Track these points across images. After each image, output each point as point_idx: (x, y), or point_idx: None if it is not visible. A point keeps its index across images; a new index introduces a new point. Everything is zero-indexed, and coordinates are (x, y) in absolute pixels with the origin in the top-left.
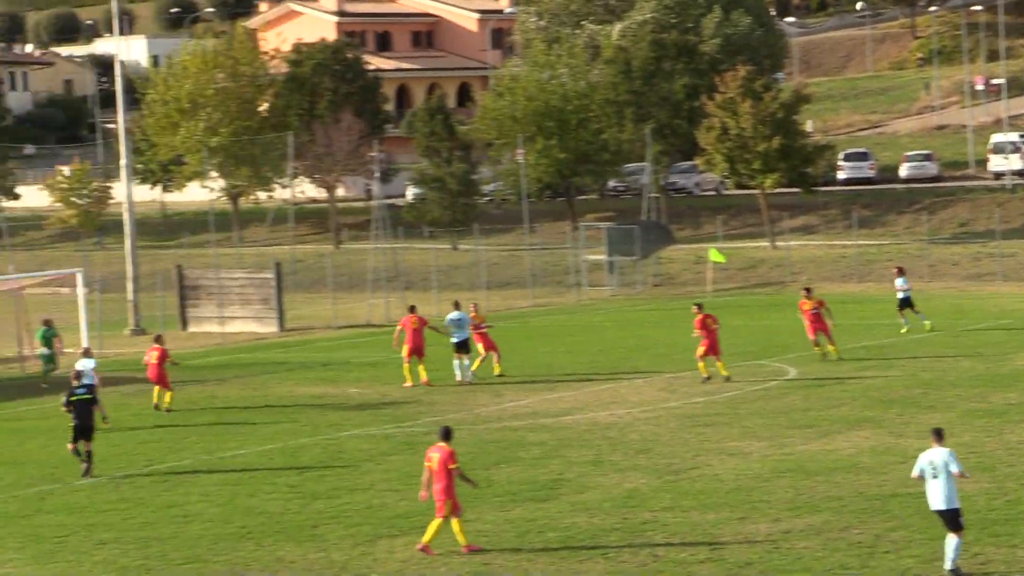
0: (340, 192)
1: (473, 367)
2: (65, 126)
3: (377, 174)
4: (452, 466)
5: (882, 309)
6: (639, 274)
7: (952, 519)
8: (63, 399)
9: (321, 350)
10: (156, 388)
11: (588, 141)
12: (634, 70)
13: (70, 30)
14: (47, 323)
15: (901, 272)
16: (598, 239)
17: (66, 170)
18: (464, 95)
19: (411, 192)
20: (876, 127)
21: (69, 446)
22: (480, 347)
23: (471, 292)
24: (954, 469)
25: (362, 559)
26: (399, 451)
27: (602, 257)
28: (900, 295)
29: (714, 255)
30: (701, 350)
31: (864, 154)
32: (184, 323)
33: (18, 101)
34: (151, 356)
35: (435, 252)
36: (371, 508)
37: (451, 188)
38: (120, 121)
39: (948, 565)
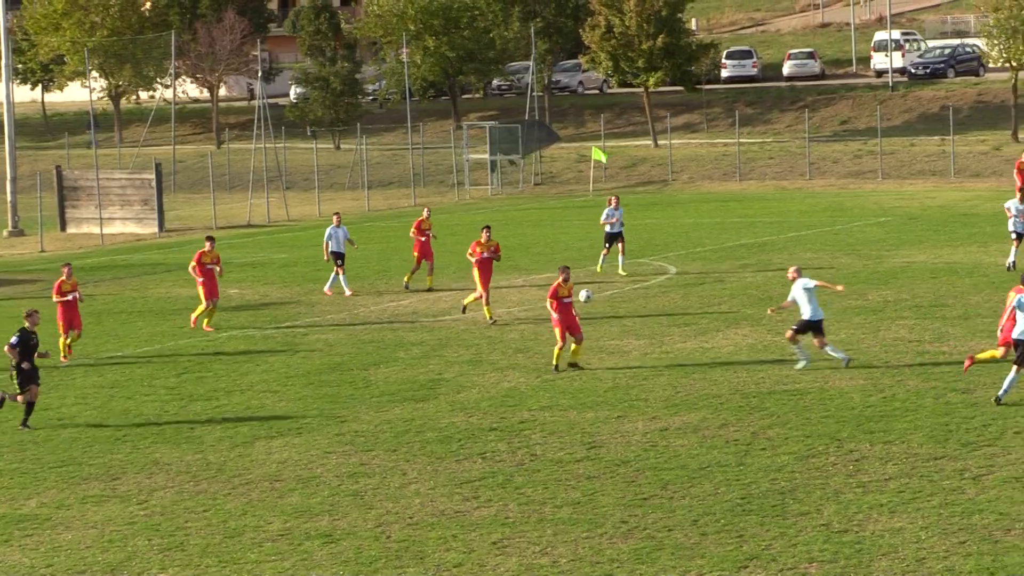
0: (222, 92)
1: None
2: None
3: (260, 73)
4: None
5: (762, 207)
6: (521, 173)
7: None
8: None
9: None
10: None
11: (474, 39)
12: None
13: None
14: None
15: None
16: (481, 138)
17: None
18: None
19: (294, 91)
20: (760, 25)
21: None
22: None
23: (353, 192)
24: None
25: (239, 460)
26: (278, 352)
27: (484, 156)
28: None
29: (597, 154)
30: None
31: (747, 52)
32: (63, 224)
33: None
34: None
35: (317, 152)
36: (249, 409)
37: (334, 88)
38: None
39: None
